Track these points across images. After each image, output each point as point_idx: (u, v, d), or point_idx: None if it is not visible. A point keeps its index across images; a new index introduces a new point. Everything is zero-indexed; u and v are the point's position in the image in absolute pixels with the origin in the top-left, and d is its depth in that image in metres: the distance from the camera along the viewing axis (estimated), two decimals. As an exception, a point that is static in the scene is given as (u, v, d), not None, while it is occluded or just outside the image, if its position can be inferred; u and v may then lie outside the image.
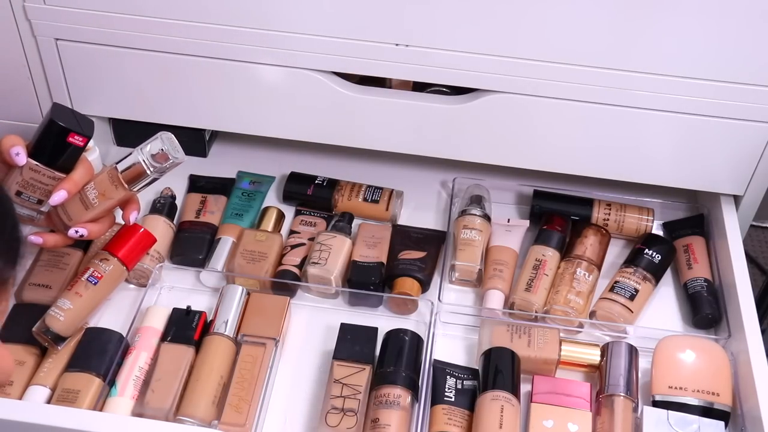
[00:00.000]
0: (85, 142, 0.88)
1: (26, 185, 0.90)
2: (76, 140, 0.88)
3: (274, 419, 0.93)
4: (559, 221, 1.11)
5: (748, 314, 0.97)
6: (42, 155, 0.88)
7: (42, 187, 0.90)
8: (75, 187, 0.90)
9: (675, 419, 0.89)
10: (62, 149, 0.88)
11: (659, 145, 1.03)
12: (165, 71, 1.05)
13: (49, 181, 0.90)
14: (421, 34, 0.97)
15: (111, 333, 0.96)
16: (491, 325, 0.99)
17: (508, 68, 0.98)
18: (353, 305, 1.06)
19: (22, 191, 0.90)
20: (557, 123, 1.03)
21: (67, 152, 0.88)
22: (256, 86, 1.05)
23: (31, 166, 0.88)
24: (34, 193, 0.90)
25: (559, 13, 0.93)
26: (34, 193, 0.90)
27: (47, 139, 0.88)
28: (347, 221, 1.11)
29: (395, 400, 0.90)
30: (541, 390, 0.94)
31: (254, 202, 1.15)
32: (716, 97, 0.97)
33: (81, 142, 0.88)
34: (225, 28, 1.00)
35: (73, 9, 1.00)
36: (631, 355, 0.96)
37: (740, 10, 0.90)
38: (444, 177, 1.21)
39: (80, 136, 0.88)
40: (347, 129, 1.09)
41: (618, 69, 0.96)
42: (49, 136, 0.87)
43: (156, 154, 0.88)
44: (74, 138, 0.87)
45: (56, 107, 0.90)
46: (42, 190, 0.90)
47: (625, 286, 1.04)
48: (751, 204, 1.09)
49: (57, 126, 0.87)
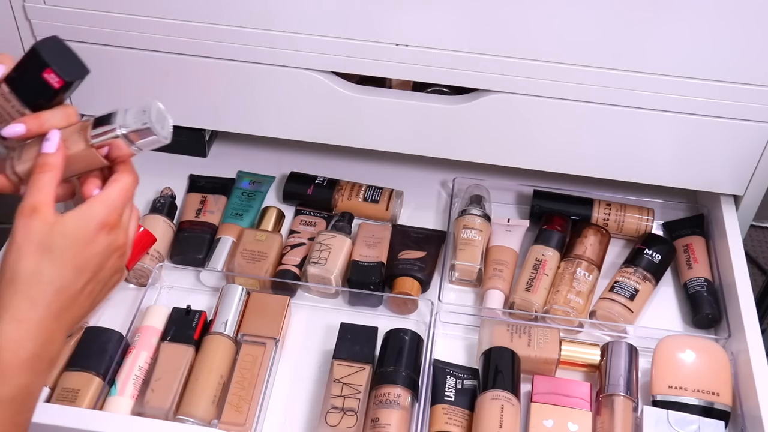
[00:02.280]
0: (61, 85, 0.75)
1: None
2: (51, 78, 0.75)
3: (274, 419, 0.93)
4: (559, 221, 1.11)
5: (748, 314, 0.97)
6: (16, 84, 0.76)
7: (7, 120, 0.77)
8: (38, 128, 0.76)
9: (675, 419, 0.89)
10: (35, 84, 0.76)
11: (659, 145, 1.03)
12: (165, 71, 1.05)
13: (16, 115, 0.77)
14: (421, 34, 0.97)
15: (111, 332, 0.96)
16: (491, 324, 0.99)
17: (508, 68, 0.98)
18: (353, 305, 1.06)
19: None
20: (557, 123, 1.03)
21: (40, 89, 0.76)
22: (256, 86, 1.05)
23: (2, 92, 0.76)
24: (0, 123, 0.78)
25: (559, 13, 0.93)
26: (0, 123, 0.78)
27: (24, 68, 0.76)
28: (347, 221, 1.11)
29: (395, 400, 0.90)
30: (541, 390, 0.94)
31: (254, 202, 1.15)
32: (716, 97, 0.97)
33: (57, 83, 0.75)
34: (225, 28, 1.00)
35: (73, 9, 1.00)
36: (631, 355, 0.96)
37: (740, 10, 0.90)
38: (444, 177, 1.21)
39: (57, 76, 0.75)
40: (347, 129, 1.09)
41: (618, 69, 0.96)
42: (27, 65, 0.76)
43: (138, 130, 0.75)
44: (49, 75, 0.75)
45: (51, 39, 0.77)
46: (6, 123, 0.77)
47: (625, 286, 1.04)
48: (751, 204, 1.09)
49: (36, 55, 0.75)
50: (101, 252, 0.70)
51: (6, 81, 0.76)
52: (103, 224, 0.70)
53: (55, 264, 0.67)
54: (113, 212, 0.71)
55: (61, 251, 0.67)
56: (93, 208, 0.70)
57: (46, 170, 0.71)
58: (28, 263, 0.67)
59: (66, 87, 0.76)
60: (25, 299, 0.66)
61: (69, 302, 0.68)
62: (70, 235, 0.68)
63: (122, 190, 0.72)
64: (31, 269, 0.67)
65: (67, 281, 0.68)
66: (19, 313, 0.66)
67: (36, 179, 0.70)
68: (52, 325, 0.67)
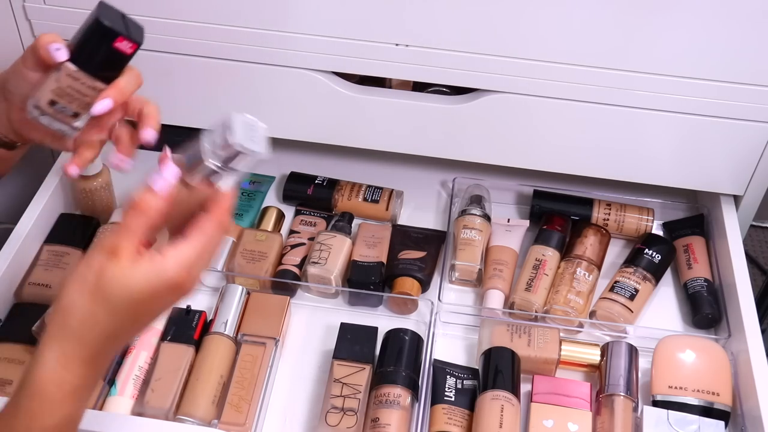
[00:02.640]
0: (135, 49, 0.75)
1: (62, 94, 0.76)
2: (124, 46, 0.74)
3: (274, 419, 0.93)
4: (559, 221, 1.11)
5: (748, 314, 0.97)
6: (83, 60, 0.75)
7: (80, 98, 0.77)
8: (121, 96, 0.77)
9: (675, 419, 0.89)
10: (107, 55, 0.75)
11: (659, 145, 1.03)
12: (165, 71, 1.05)
13: (88, 91, 0.76)
14: (421, 34, 0.97)
15: (111, 332, 0.96)
16: (491, 324, 0.99)
17: (508, 68, 0.98)
18: (353, 305, 1.06)
19: (57, 100, 0.77)
20: (557, 123, 1.03)
21: (112, 59, 0.75)
22: (257, 86, 1.05)
23: (69, 71, 0.75)
24: (71, 103, 0.77)
25: (560, 13, 0.93)
26: (70, 103, 0.77)
27: (90, 43, 0.74)
28: (347, 221, 1.11)
29: (395, 400, 0.90)
30: (541, 390, 0.94)
31: (254, 202, 1.15)
32: (716, 97, 0.97)
33: (130, 48, 0.75)
34: (225, 28, 1.00)
35: (73, 9, 1.00)
36: (631, 355, 0.96)
37: (740, 10, 0.90)
38: (444, 177, 1.21)
39: (129, 41, 0.74)
40: (347, 129, 1.09)
41: (618, 69, 0.96)
42: (93, 38, 0.74)
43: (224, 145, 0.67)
44: (122, 43, 0.74)
45: (102, 6, 0.75)
46: (79, 101, 0.77)
47: (625, 286, 1.04)
48: (751, 204, 1.09)
49: (103, 27, 0.73)
50: (164, 306, 0.66)
51: (71, 60, 0.75)
52: (175, 287, 0.64)
53: (113, 315, 0.63)
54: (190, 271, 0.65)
55: (124, 306, 0.63)
56: (167, 267, 0.63)
57: (145, 212, 0.65)
58: (86, 304, 0.63)
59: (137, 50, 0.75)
60: (74, 337, 0.64)
61: (118, 343, 0.67)
62: (136, 291, 0.63)
63: (205, 244, 0.65)
64: (88, 311, 0.63)
65: (121, 329, 0.65)
66: (67, 349, 0.63)
67: (130, 218, 0.65)
68: (98, 361, 0.65)
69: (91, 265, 0.64)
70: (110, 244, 0.64)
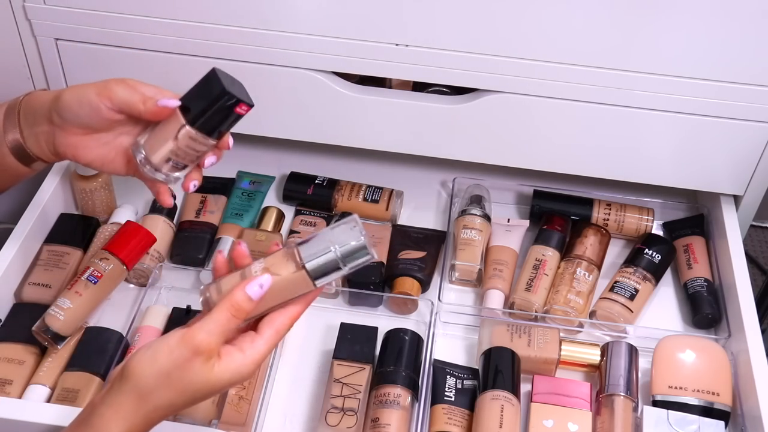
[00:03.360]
0: (248, 110, 0.79)
1: (179, 153, 0.79)
2: (242, 110, 0.78)
3: (274, 419, 0.93)
4: (559, 221, 1.11)
5: (748, 314, 0.97)
6: (204, 124, 0.78)
7: (192, 154, 0.79)
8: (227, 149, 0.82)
9: (675, 419, 0.89)
10: (224, 118, 0.78)
11: (659, 145, 1.03)
12: (165, 71, 1.04)
13: (201, 148, 0.79)
14: (421, 34, 0.97)
15: (111, 332, 0.96)
16: (491, 324, 0.99)
17: (508, 68, 0.98)
18: (353, 305, 1.06)
19: (172, 158, 0.79)
20: (557, 123, 1.03)
21: (227, 121, 0.78)
22: (256, 86, 1.04)
23: (191, 135, 0.77)
24: (183, 159, 0.80)
25: (559, 13, 0.93)
26: (183, 159, 0.80)
27: (213, 109, 0.77)
28: (347, 221, 1.11)
29: (395, 400, 0.90)
30: (541, 390, 0.94)
31: (254, 202, 1.15)
32: (716, 97, 0.97)
33: (245, 111, 0.78)
34: (225, 28, 1.00)
35: (73, 9, 1.00)
36: (631, 355, 0.96)
37: (740, 10, 0.90)
38: (444, 177, 1.21)
39: (246, 106, 0.78)
40: (347, 129, 1.09)
41: (618, 69, 0.96)
42: (217, 105, 0.77)
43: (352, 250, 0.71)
44: (241, 108, 0.77)
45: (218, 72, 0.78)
46: (191, 156, 0.80)
47: (625, 286, 1.04)
48: (751, 204, 1.09)
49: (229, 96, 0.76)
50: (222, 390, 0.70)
51: (191, 123, 0.77)
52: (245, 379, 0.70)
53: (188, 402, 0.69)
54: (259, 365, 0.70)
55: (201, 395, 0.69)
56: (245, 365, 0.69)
57: (237, 316, 0.69)
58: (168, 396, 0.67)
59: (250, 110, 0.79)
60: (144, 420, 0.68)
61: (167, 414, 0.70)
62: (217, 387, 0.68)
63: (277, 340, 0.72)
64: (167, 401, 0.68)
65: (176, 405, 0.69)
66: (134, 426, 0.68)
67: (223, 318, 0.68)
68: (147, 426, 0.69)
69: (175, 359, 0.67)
70: (198, 343, 0.67)
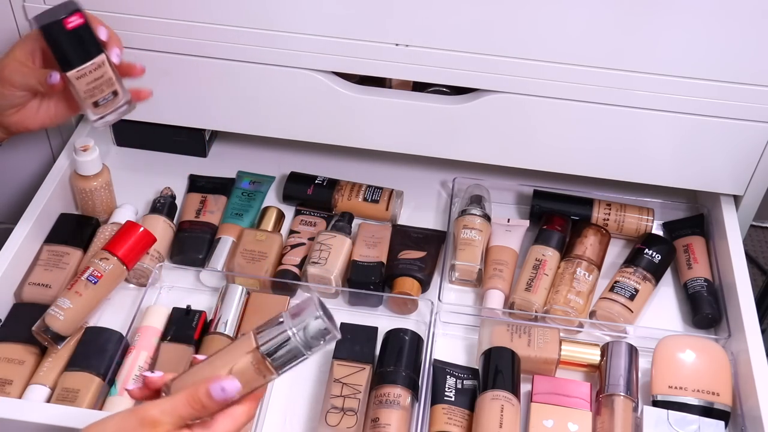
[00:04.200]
0: (81, 16, 0.80)
1: (91, 92, 0.82)
2: (73, 21, 0.79)
3: (274, 419, 0.93)
4: (559, 221, 1.11)
5: (748, 314, 0.97)
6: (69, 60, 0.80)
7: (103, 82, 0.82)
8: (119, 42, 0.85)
9: (675, 419, 0.89)
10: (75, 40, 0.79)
11: (659, 145, 1.03)
12: (165, 71, 1.05)
13: (99, 73, 0.81)
14: (421, 34, 0.97)
15: (111, 332, 0.96)
16: (491, 324, 0.99)
17: (508, 68, 0.98)
18: (353, 305, 1.06)
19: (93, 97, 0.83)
20: (557, 123, 1.03)
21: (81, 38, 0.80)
22: (256, 86, 1.05)
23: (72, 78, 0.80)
24: (103, 92, 0.83)
25: (559, 14, 0.93)
26: (102, 92, 0.83)
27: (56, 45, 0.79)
28: (347, 221, 1.11)
29: (395, 400, 0.90)
30: (541, 390, 0.94)
31: (254, 202, 1.15)
32: (716, 97, 0.97)
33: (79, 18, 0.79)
34: (225, 28, 1.00)
35: (74, 9, 1.00)
36: (631, 355, 0.96)
37: (740, 10, 0.91)
38: (444, 177, 1.21)
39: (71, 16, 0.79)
40: (347, 129, 1.09)
41: (618, 69, 0.96)
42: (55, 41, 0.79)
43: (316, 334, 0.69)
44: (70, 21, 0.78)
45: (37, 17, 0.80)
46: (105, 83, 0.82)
47: (625, 286, 1.04)
48: (751, 204, 1.09)
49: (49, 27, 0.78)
50: None
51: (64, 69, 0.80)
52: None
53: None
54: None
55: None
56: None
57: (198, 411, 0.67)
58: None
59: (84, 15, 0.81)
60: None
61: None
62: None
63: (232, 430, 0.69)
64: None
65: None
66: None
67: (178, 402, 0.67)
68: None
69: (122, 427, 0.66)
70: (147, 415, 0.66)
